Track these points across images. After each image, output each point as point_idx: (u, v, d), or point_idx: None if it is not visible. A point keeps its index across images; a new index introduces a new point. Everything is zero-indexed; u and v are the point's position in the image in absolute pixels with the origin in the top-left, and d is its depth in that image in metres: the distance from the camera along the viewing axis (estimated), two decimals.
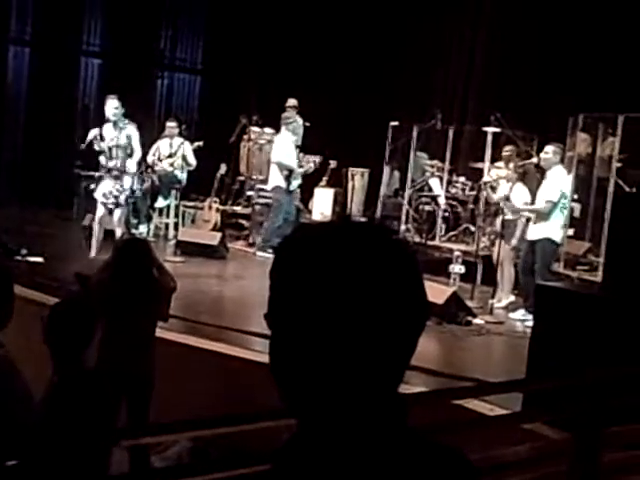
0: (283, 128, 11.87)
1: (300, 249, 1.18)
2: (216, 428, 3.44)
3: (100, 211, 9.94)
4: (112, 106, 9.96)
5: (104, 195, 9.88)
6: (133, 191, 10.10)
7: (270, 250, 10.97)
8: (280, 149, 11.78)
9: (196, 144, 12.21)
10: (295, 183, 11.94)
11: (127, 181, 9.99)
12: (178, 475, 3.30)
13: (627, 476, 4.19)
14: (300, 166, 12.03)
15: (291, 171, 11.74)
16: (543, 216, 8.84)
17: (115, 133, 9.95)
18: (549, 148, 9.00)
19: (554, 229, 8.83)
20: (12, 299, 3.76)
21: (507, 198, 9.26)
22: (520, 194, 9.27)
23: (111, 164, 9.95)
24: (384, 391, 1.17)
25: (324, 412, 1.16)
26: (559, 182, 8.91)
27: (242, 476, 2.81)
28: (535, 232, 8.90)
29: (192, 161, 11.99)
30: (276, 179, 11.72)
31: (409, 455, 1.16)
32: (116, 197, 9.86)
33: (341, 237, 1.17)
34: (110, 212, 9.93)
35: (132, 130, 10.10)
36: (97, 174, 10.19)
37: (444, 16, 13.18)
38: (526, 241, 9.03)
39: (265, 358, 1.20)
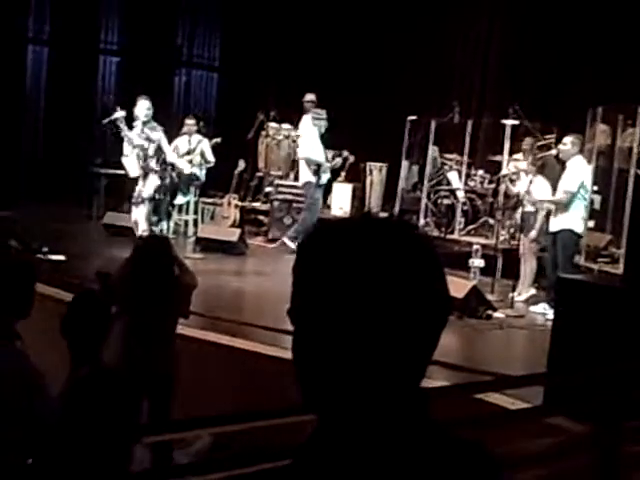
0: (310, 123, 11.77)
1: (322, 245, 1.18)
2: (237, 424, 3.45)
3: (135, 213, 10.04)
4: (144, 107, 10.01)
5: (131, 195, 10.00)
6: (156, 188, 10.14)
7: (295, 244, 10.99)
8: (306, 144, 11.75)
9: (214, 141, 12.22)
10: (325, 177, 11.93)
11: (151, 179, 10.04)
12: (201, 471, 3.32)
13: None
14: (327, 160, 12.02)
15: (319, 165, 11.72)
16: (563, 207, 8.81)
17: (142, 133, 9.98)
18: (567, 139, 8.96)
19: (575, 220, 8.78)
20: (33, 290, 3.81)
21: (528, 191, 9.23)
22: (541, 186, 9.23)
23: (133, 162, 9.98)
24: (407, 386, 1.17)
25: (346, 407, 1.16)
26: (578, 172, 8.87)
27: (264, 471, 2.81)
28: (556, 224, 8.87)
29: (211, 158, 11.99)
30: (306, 175, 11.68)
31: (431, 449, 1.16)
32: (139, 195, 9.95)
33: (363, 233, 1.18)
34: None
35: (160, 135, 10.12)
36: (138, 173, 10.16)
37: (460, 8, 13.14)
38: (549, 234, 8.99)
39: (285, 354, 1.21)
